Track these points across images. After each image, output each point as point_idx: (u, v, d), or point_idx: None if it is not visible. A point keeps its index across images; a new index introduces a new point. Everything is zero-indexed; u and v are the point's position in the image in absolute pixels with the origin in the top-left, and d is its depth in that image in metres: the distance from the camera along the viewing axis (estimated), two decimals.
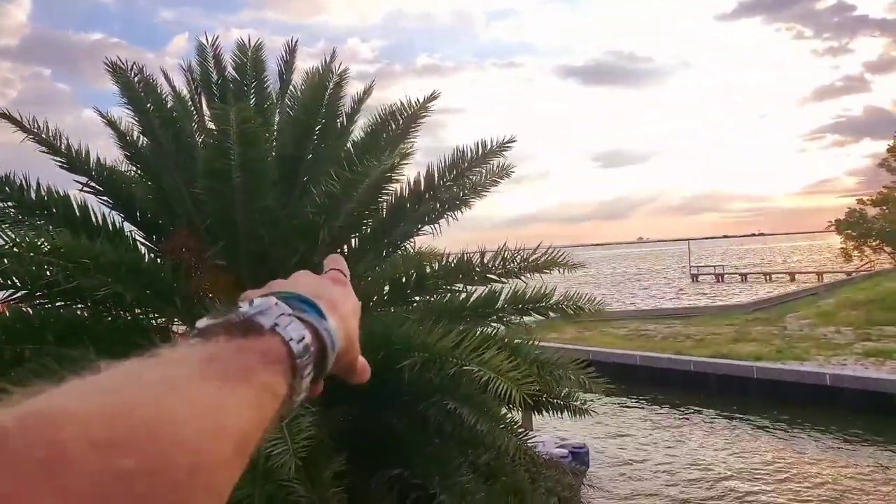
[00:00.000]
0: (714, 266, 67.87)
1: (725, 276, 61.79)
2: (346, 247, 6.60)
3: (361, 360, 0.68)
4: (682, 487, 13.48)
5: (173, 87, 7.24)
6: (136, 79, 6.66)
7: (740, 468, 14.37)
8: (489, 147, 6.65)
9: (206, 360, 0.45)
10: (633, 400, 20.05)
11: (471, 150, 6.63)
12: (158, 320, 6.22)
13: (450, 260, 6.75)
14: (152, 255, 6.52)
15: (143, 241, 6.71)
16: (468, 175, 6.68)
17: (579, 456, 12.19)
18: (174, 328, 6.21)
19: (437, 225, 6.82)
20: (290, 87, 7.69)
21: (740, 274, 61.95)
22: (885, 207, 35.66)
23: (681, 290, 54.89)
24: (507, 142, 6.75)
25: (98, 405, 0.37)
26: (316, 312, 0.58)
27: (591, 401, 7.53)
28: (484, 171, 6.79)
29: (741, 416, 17.87)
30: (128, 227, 6.73)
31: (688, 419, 18.37)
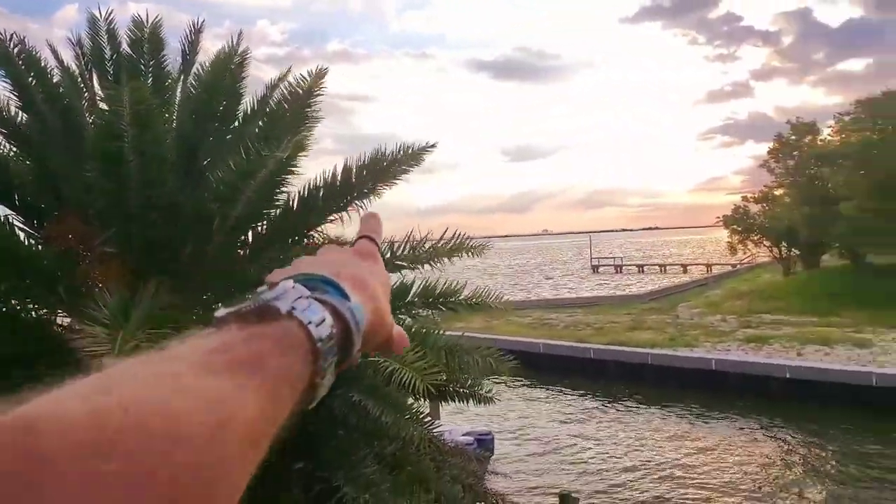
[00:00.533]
0: (613, 258, 70.91)
1: (624, 267, 64.72)
2: (248, 236, 6.39)
3: (398, 330, 0.65)
4: (586, 466, 14.03)
5: (60, 62, 6.74)
6: (15, 50, 6.16)
7: (638, 447, 15.12)
8: (410, 150, 6.59)
9: (214, 351, 0.43)
10: (539, 387, 20.66)
11: (392, 150, 6.55)
12: (40, 312, 5.81)
13: None
14: (33, 241, 6.06)
15: (22, 225, 6.21)
16: (383, 170, 6.61)
17: (485, 443, 12.41)
18: (58, 320, 5.81)
19: (345, 214, 6.71)
20: (195, 68, 7.32)
21: (637, 266, 65.08)
22: (765, 205, 38.21)
23: (582, 280, 57.04)
24: (428, 146, 6.73)
25: (87, 407, 0.34)
26: (338, 293, 0.55)
27: (498, 386, 7.68)
28: (398, 163, 6.73)
29: (637, 399, 18.79)
30: (3, 210, 6.21)
31: (588, 403, 19.12)
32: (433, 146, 6.73)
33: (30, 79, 6.16)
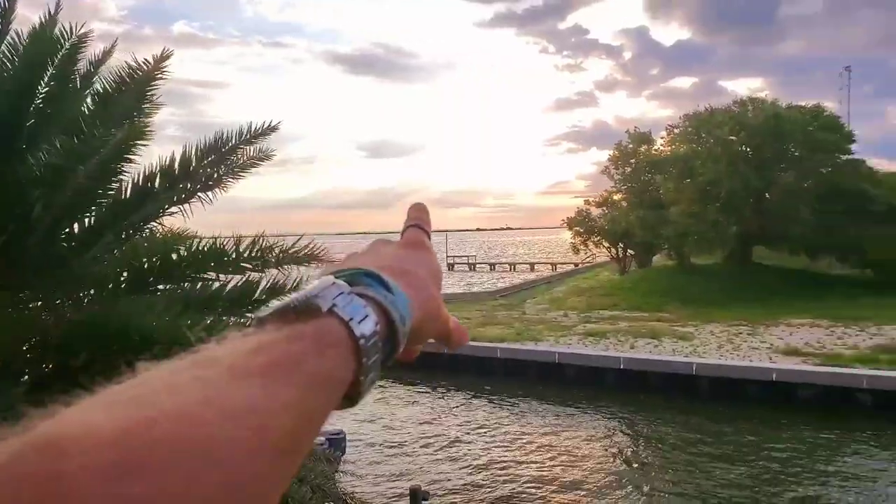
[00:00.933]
0: (468, 256, 72.97)
1: (477, 265, 66.81)
2: (75, 226, 5.82)
3: (456, 323, 0.63)
4: (435, 464, 14.24)
5: None
6: None
7: (486, 440, 15.61)
8: (252, 131, 6.31)
9: (249, 353, 0.41)
10: (395, 384, 20.73)
11: (234, 133, 6.24)
12: None
13: (201, 246, 6.23)
14: None
15: None
16: (228, 157, 6.27)
17: (336, 442, 12.24)
18: None
19: (188, 206, 6.30)
20: (9, 38, 6.54)
21: (489, 264, 67.46)
22: (605, 208, 40.98)
23: None
24: (270, 127, 6.47)
25: (112, 423, 0.33)
26: (381, 285, 0.52)
27: None
28: (245, 152, 6.43)
29: (486, 393, 19.42)
30: None
31: (440, 398, 19.48)
32: (275, 127, 6.48)
33: None
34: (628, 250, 40.77)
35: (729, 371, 17.77)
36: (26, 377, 5.03)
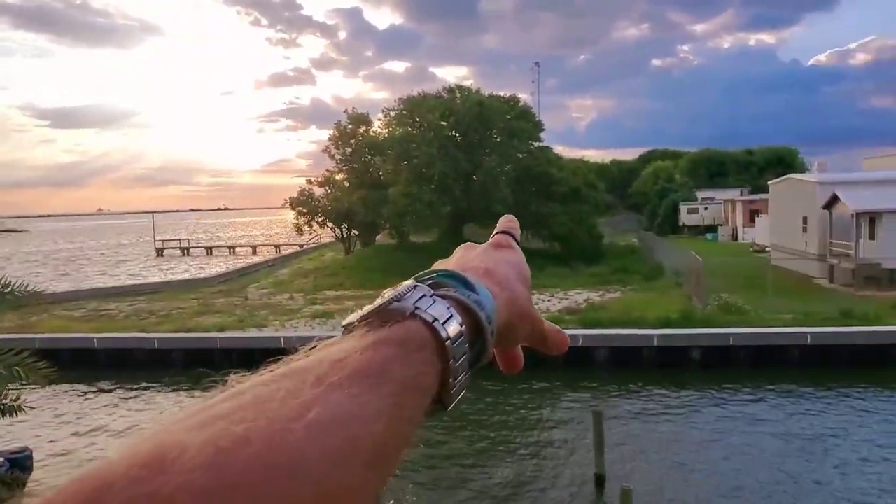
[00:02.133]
0: (180, 240, 67.80)
1: (191, 250, 62.42)
2: None
3: (552, 326, 0.63)
4: None
5: None
6: None
7: None
8: None
9: (336, 362, 0.41)
10: (93, 387, 18.38)
11: None
12: None
13: None
14: None
15: None
16: None
17: (20, 462, 10.43)
18: None
19: None
20: None
21: (206, 248, 63.49)
22: (328, 188, 41.14)
23: (145, 264, 52.99)
24: None
25: (206, 443, 0.33)
26: (463, 285, 0.52)
27: (41, 392, 6.41)
28: None
29: (205, 386, 18.23)
30: None
31: (148, 397, 17.77)
32: None
33: None
34: (352, 230, 41.49)
35: None
36: None
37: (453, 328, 0.47)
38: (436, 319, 0.46)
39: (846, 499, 10.73)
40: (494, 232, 0.70)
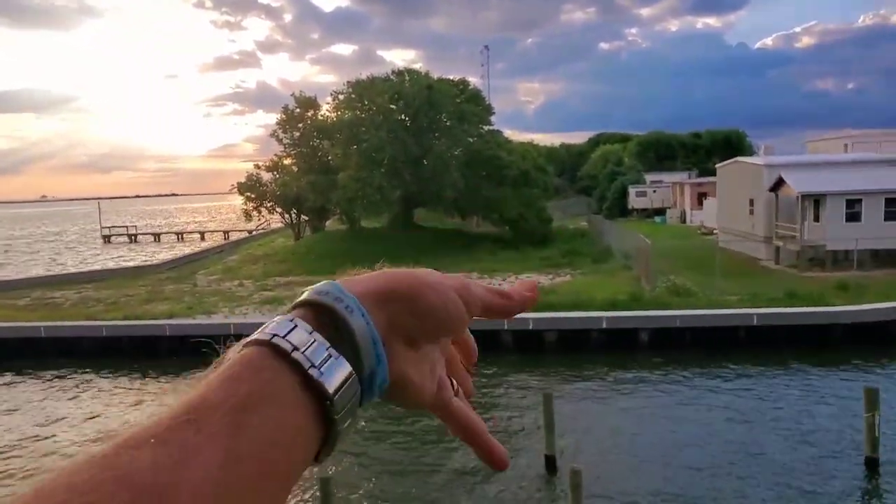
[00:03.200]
0: (127, 227, 65.86)
1: (139, 236, 60.74)
2: None
3: (491, 289, 0.58)
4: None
5: None
6: None
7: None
8: None
9: (189, 407, 0.39)
10: (40, 376, 17.81)
11: None
12: None
13: None
14: None
15: None
16: None
17: None
18: None
19: None
20: None
21: (154, 234, 61.87)
22: (276, 173, 40.43)
23: (91, 251, 51.34)
24: None
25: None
26: (336, 291, 0.48)
27: None
28: None
29: (151, 377, 17.85)
30: None
31: (98, 386, 17.30)
32: None
33: None
34: (301, 215, 40.94)
35: None
36: None
37: (297, 337, 0.44)
38: (275, 334, 0.43)
39: (791, 473, 11.21)
40: None
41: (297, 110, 39.28)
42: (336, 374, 0.43)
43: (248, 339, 0.44)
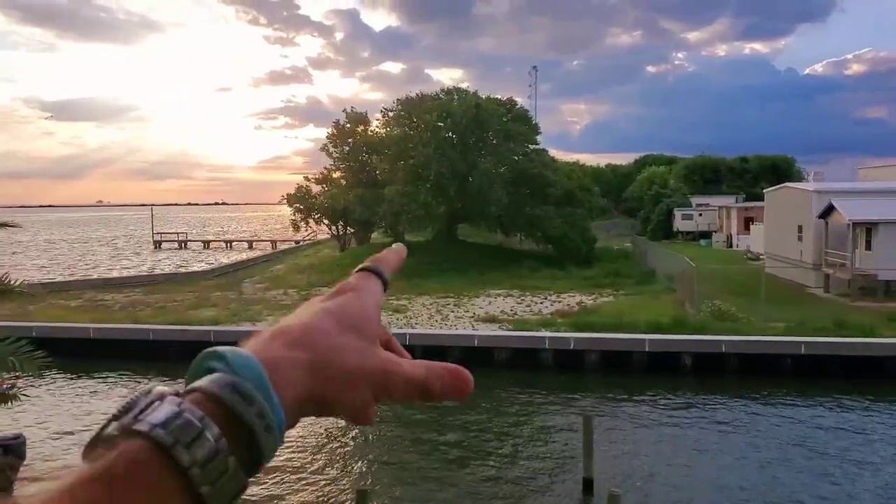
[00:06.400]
0: (177, 233, 67.79)
1: (189, 243, 62.44)
2: None
3: (433, 370, 0.52)
4: None
5: None
6: None
7: None
8: None
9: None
10: (88, 377, 18.44)
11: None
12: None
13: None
14: None
15: None
16: None
17: (13, 448, 10.51)
18: None
19: None
20: None
21: (203, 241, 63.52)
22: (325, 185, 41.24)
23: (142, 256, 52.97)
24: None
25: None
26: (224, 365, 0.44)
27: (39, 381, 6.50)
28: None
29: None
30: None
31: (137, 388, 17.80)
32: None
33: None
34: (348, 227, 41.58)
35: (438, 339, 19.18)
36: None
37: (183, 427, 0.39)
38: (155, 426, 0.38)
39: None
40: (357, 268, 0.61)
41: (348, 125, 40.08)
42: (202, 451, 0.39)
43: (136, 423, 0.39)
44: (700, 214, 52.56)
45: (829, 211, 26.71)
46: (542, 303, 24.66)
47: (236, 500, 0.41)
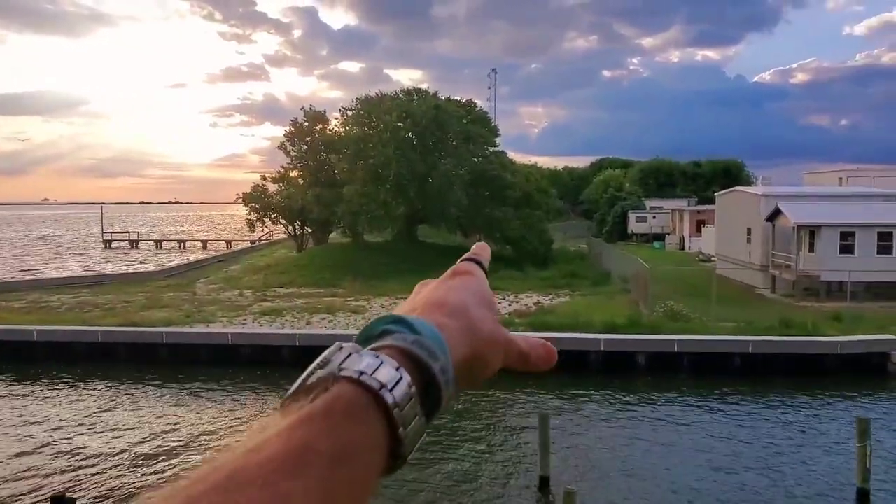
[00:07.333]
0: (129, 232, 66.05)
1: (141, 242, 60.89)
2: None
3: (532, 343, 0.60)
4: (83, 464, 12.64)
5: None
6: None
7: (149, 432, 14.35)
8: None
9: (253, 455, 0.39)
10: (30, 381, 17.81)
11: None
12: None
13: None
14: None
15: None
16: None
17: None
18: None
19: None
20: None
21: (156, 241, 62.00)
22: (281, 185, 40.65)
23: (91, 256, 51.44)
24: None
25: None
26: (405, 328, 0.49)
27: None
28: None
29: (152, 381, 17.85)
30: None
31: (90, 391, 17.31)
32: None
33: None
34: (305, 227, 41.11)
35: None
36: None
37: (385, 374, 0.44)
38: (363, 373, 0.44)
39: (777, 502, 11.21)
40: (461, 258, 0.68)
41: (306, 124, 39.63)
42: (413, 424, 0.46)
43: (341, 371, 0.44)
44: (654, 217, 53.62)
45: (776, 214, 27.55)
46: (500, 303, 24.63)
47: (419, 433, 0.46)
